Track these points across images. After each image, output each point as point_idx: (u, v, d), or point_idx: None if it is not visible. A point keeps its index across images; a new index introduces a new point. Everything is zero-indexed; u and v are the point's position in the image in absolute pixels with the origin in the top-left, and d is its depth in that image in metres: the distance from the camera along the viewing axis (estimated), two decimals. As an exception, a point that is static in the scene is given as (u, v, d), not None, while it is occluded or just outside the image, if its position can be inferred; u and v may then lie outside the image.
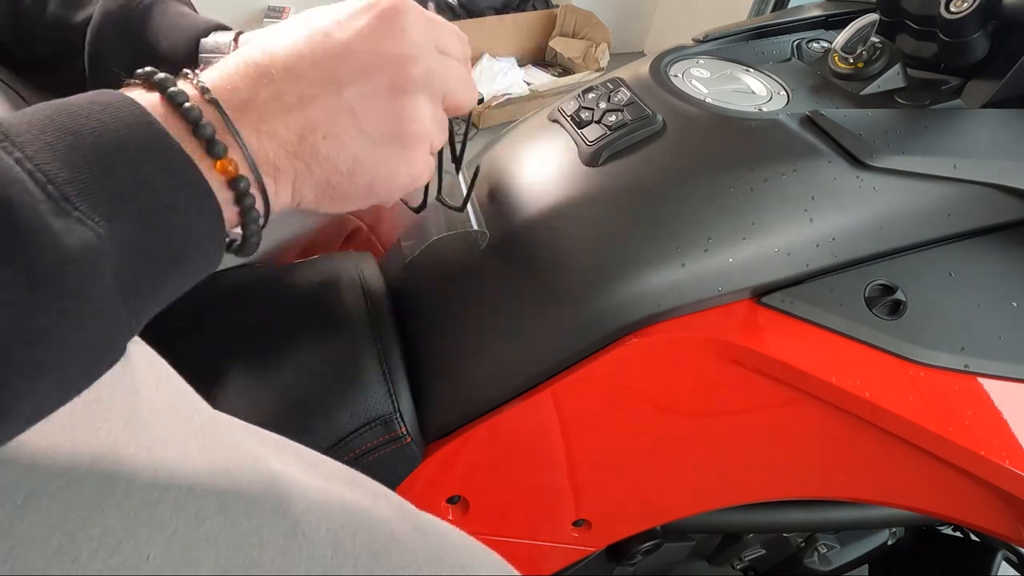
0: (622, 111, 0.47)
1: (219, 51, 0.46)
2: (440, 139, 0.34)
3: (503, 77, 2.24)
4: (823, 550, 0.65)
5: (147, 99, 0.25)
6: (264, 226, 0.29)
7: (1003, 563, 0.63)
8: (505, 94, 2.18)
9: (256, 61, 0.28)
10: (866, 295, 0.39)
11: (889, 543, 0.70)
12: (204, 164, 0.25)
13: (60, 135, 0.21)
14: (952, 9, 0.41)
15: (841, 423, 0.40)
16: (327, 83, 0.28)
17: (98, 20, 0.45)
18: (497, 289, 0.45)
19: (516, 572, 0.39)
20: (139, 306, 0.23)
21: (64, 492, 0.22)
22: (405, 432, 0.44)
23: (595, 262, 0.41)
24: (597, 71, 2.30)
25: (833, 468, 0.46)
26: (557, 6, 2.49)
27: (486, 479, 0.48)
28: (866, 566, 0.71)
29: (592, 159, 0.45)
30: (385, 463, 0.44)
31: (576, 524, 0.52)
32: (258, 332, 0.49)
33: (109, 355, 0.23)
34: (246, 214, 0.27)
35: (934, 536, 0.70)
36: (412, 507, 0.36)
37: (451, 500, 0.48)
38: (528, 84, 2.29)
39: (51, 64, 0.47)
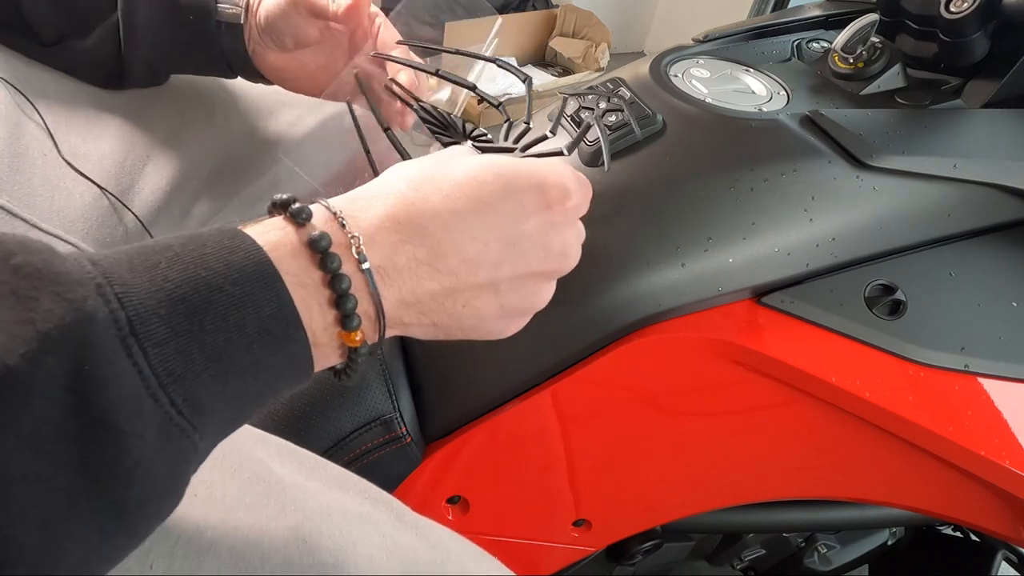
0: (622, 111, 0.47)
1: (235, 2, 0.48)
2: None
3: (503, 77, 2.24)
4: (823, 550, 0.65)
5: (290, 251, 0.23)
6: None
7: (1003, 563, 0.63)
8: (505, 94, 2.19)
9: (424, 226, 0.26)
10: (866, 295, 0.39)
11: (889, 543, 0.69)
12: (328, 333, 0.24)
13: (186, 319, 0.20)
14: (952, 9, 0.41)
15: (841, 423, 0.40)
16: (487, 266, 0.28)
17: None
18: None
19: None
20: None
21: None
22: (405, 432, 0.44)
23: (595, 262, 0.41)
24: (597, 71, 2.30)
25: (833, 468, 0.46)
26: (557, 6, 2.49)
27: (486, 479, 0.48)
28: (866, 566, 0.71)
29: (592, 159, 0.45)
30: (385, 463, 0.44)
31: (576, 524, 0.52)
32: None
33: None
34: (352, 368, 0.26)
35: (934, 536, 0.70)
36: (412, 512, 0.36)
37: (451, 500, 0.48)
38: (528, 84, 2.28)
39: (81, 30, 0.48)
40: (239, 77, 0.53)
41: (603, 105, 0.48)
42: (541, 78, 2.37)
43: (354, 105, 0.41)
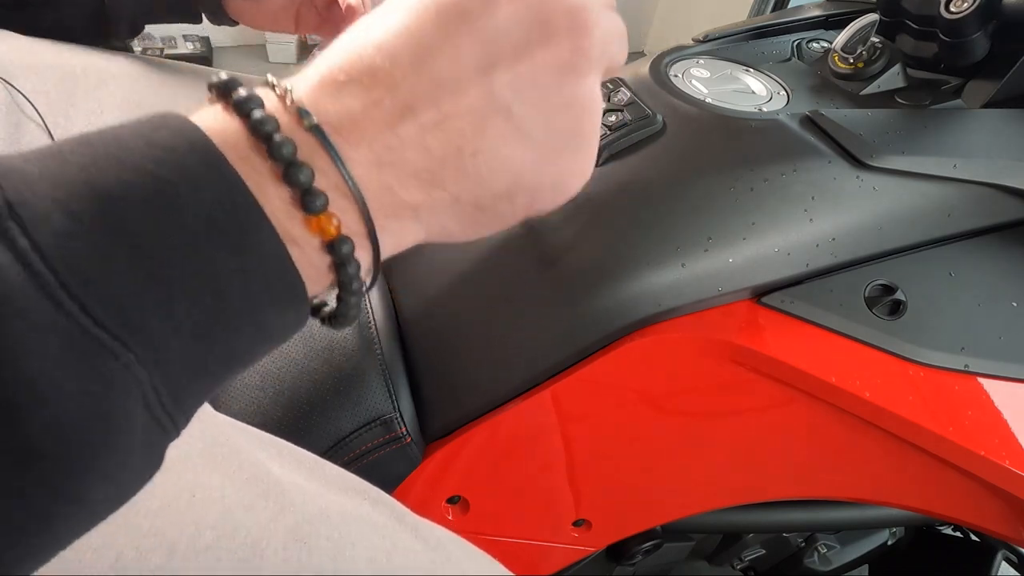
0: (622, 111, 0.47)
1: None
2: None
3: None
4: (823, 550, 0.65)
5: (221, 125, 0.18)
6: (370, 288, 0.22)
7: (1003, 563, 0.63)
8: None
9: (372, 64, 0.19)
10: (866, 295, 0.39)
11: (889, 543, 0.70)
12: (293, 221, 0.18)
13: (94, 201, 0.15)
14: (952, 9, 0.41)
15: (841, 423, 0.40)
16: (472, 79, 0.20)
17: None
18: (497, 289, 0.45)
19: None
20: (181, 417, 0.18)
21: None
22: (405, 432, 0.44)
23: (595, 262, 0.41)
24: (597, 71, 2.30)
25: (833, 468, 0.46)
26: (557, 6, 2.49)
27: (486, 479, 0.48)
28: (866, 566, 0.71)
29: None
30: (385, 463, 0.44)
31: (576, 524, 0.52)
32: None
33: (140, 485, 0.18)
34: (345, 286, 0.20)
35: (934, 536, 0.70)
36: (412, 514, 0.36)
37: (451, 500, 0.48)
38: (528, 84, 2.28)
39: None
40: (207, 21, 0.59)
41: (603, 105, 0.48)
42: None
43: None
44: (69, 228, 0.14)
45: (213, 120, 0.18)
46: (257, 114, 0.18)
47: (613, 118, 0.46)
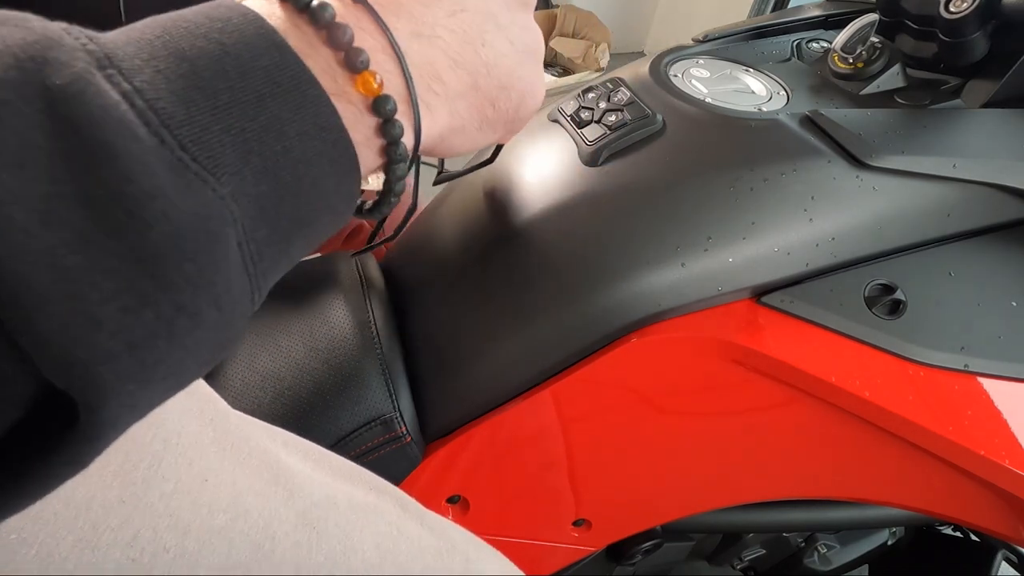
0: (622, 111, 0.47)
1: None
2: None
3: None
4: (823, 550, 0.65)
5: (268, 9, 0.21)
6: (409, 170, 0.25)
7: (1003, 563, 0.63)
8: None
9: None
10: (866, 295, 0.39)
11: (889, 543, 0.70)
12: (339, 82, 0.21)
13: (175, 61, 0.17)
14: (952, 9, 0.41)
15: (841, 423, 0.40)
16: None
17: None
18: (497, 289, 0.45)
19: (518, 569, 0.39)
20: (262, 279, 0.19)
21: (87, 483, 0.22)
22: (405, 432, 0.44)
23: (595, 262, 0.41)
24: (597, 71, 2.31)
25: (833, 468, 0.46)
26: (557, 6, 2.50)
27: (486, 479, 0.48)
28: (866, 566, 0.71)
29: (592, 159, 0.45)
30: (385, 463, 0.44)
31: (576, 524, 0.52)
32: (258, 331, 0.49)
33: (231, 343, 0.19)
34: (391, 150, 0.23)
35: (934, 536, 0.70)
36: (417, 503, 0.37)
37: (451, 500, 0.48)
38: (528, 84, 2.28)
39: None
40: None
41: (603, 105, 0.48)
42: (541, 78, 2.37)
43: None
44: (158, 81, 0.16)
45: (258, 3, 0.21)
46: None
47: (613, 118, 0.46)
